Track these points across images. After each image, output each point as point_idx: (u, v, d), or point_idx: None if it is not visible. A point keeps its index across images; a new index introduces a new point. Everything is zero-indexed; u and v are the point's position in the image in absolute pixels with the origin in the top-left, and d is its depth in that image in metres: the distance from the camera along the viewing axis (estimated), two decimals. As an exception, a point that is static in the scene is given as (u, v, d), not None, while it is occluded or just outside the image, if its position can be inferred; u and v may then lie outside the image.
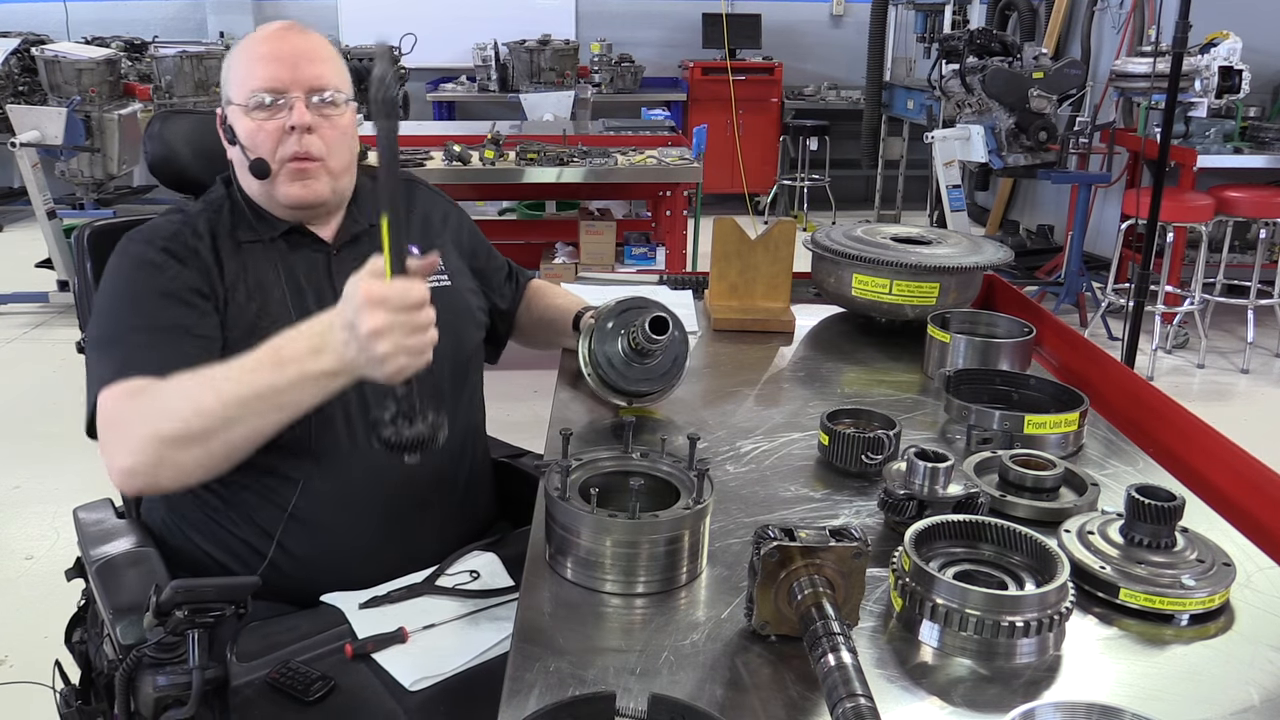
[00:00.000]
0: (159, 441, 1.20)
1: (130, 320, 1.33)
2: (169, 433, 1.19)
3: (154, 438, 1.20)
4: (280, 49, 1.40)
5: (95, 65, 5.04)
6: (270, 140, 1.39)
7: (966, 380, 1.52)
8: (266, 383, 1.16)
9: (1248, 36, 4.86)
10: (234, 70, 1.42)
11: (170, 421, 1.19)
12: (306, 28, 1.44)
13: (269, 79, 1.39)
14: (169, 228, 1.42)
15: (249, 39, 1.44)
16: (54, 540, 2.99)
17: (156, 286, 1.35)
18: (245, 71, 1.40)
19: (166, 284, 1.35)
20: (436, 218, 1.62)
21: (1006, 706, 0.83)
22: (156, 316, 1.33)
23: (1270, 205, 4.71)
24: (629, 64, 7.48)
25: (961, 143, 4.98)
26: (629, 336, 1.43)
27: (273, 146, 1.39)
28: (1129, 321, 3.83)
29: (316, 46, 1.43)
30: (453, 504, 1.51)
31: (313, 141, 1.40)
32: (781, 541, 0.94)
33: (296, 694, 1.19)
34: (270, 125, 1.39)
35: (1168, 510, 1.05)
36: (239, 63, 1.42)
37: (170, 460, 1.21)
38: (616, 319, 1.46)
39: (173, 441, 1.19)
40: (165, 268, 1.36)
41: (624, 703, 0.84)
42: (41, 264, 5.30)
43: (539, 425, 1.54)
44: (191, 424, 1.18)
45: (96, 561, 1.39)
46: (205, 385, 1.19)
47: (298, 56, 1.40)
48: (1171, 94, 3.62)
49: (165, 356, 1.27)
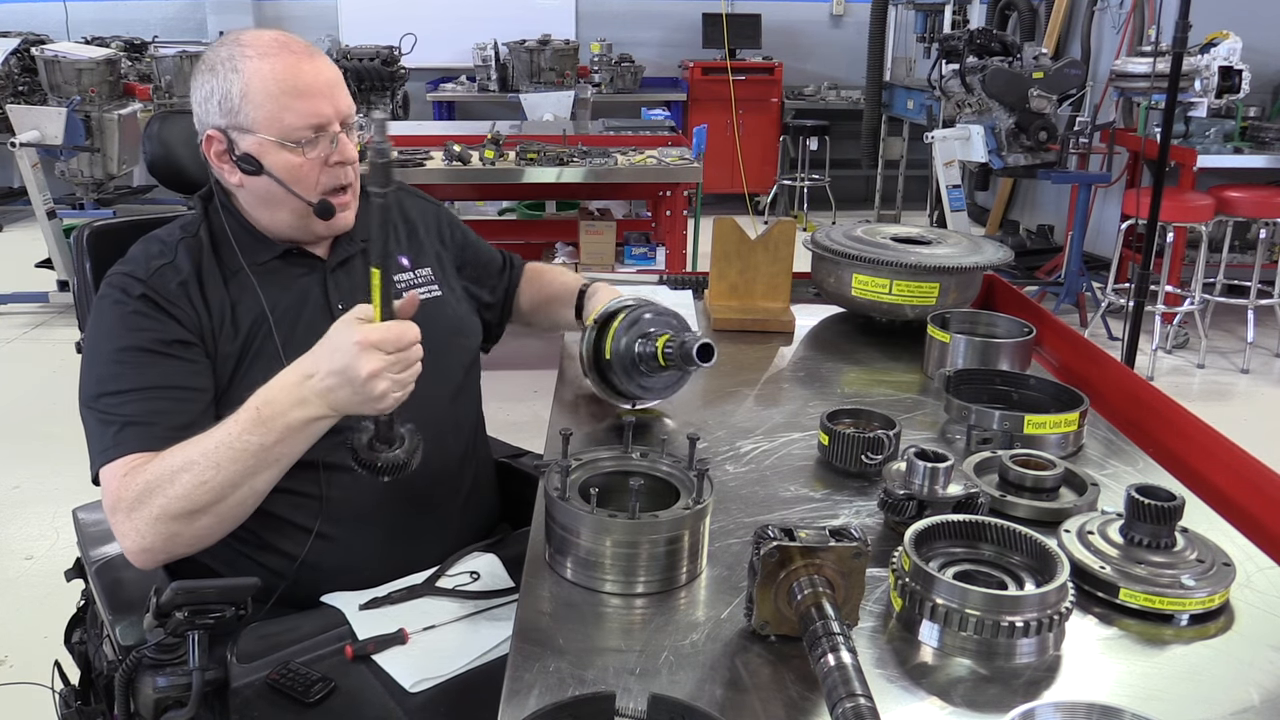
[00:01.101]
0: (168, 520, 1.21)
1: (119, 382, 1.30)
2: (176, 510, 1.21)
3: (162, 518, 1.21)
4: (315, 81, 1.35)
5: (95, 65, 5.04)
6: (314, 173, 1.36)
7: (966, 380, 1.52)
8: (257, 444, 1.19)
9: (1248, 36, 4.86)
10: (260, 101, 1.33)
11: (174, 500, 1.20)
12: (312, 47, 1.39)
13: (314, 114, 1.34)
14: (148, 266, 1.36)
15: (268, 67, 1.34)
16: (54, 540, 2.99)
17: (141, 342, 1.31)
18: (279, 105, 1.33)
19: (151, 340, 1.32)
20: (423, 225, 1.61)
21: (1006, 706, 0.83)
22: (145, 375, 1.30)
23: (1270, 205, 4.71)
24: (629, 64, 7.48)
25: (961, 143, 4.98)
26: (645, 346, 1.40)
27: (316, 180, 1.37)
28: (1129, 321, 3.83)
29: (336, 71, 1.40)
30: (456, 507, 1.51)
31: (352, 172, 1.40)
32: (781, 541, 0.94)
33: (297, 695, 1.19)
34: (314, 159, 1.36)
35: (1168, 510, 1.05)
36: (267, 95, 1.33)
37: (182, 534, 1.23)
38: (628, 325, 1.43)
39: (180, 517, 1.21)
40: (148, 320, 1.32)
41: (624, 703, 0.84)
42: (41, 264, 5.30)
43: (539, 425, 1.54)
44: (196, 498, 1.20)
45: (96, 562, 1.39)
46: (201, 457, 1.20)
47: (331, 86, 1.37)
48: (1171, 94, 3.61)
49: (158, 420, 1.27)
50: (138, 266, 1.37)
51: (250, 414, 1.20)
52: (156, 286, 1.34)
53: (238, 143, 1.36)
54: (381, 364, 1.12)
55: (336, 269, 1.46)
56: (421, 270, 1.54)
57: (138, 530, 1.22)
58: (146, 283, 1.34)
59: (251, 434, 1.19)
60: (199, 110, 1.39)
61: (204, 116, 1.38)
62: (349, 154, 1.39)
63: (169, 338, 1.33)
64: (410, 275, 1.52)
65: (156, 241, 1.42)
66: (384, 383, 1.13)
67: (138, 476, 1.22)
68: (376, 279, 1.12)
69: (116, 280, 1.37)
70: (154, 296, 1.33)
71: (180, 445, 1.23)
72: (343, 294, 1.44)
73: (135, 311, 1.33)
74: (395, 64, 6.89)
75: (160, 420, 1.27)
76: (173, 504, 1.20)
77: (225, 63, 1.35)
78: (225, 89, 1.35)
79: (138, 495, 1.21)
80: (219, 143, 1.37)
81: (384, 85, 6.89)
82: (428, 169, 4.21)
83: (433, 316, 1.49)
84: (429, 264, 1.56)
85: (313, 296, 1.43)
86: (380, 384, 1.13)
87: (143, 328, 1.32)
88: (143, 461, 1.24)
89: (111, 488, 1.24)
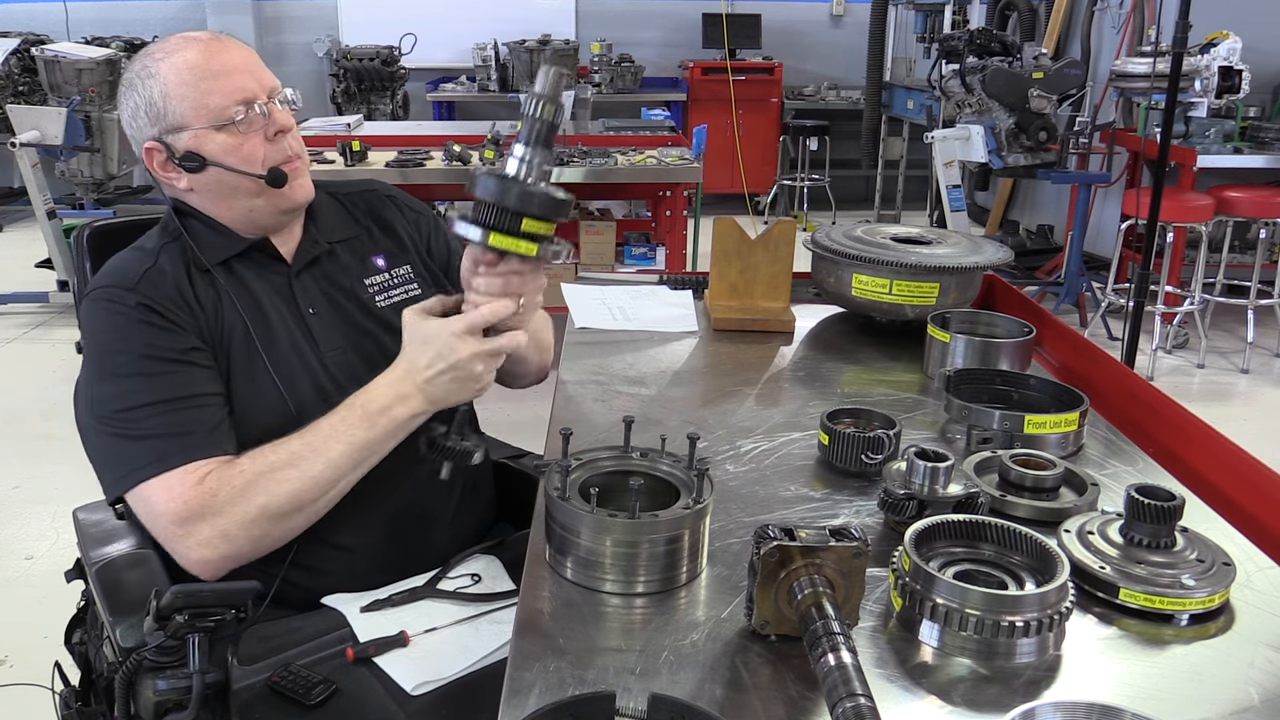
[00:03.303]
0: (266, 519, 1.23)
1: (137, 397, 1.26)
2: (278, 508, 1.23)
3: (259, 518, 1.22)
4: (230, 59, 1.35)
5: (95, 65, 5.04)
6: (259, 150, 1.35)
7: (966, 380, 1.52)
8: (363, 438, 1.25)
9: (1248, 36, 4.86)
10: (181, 93, 1.32)
11: (277, 498, 1.22)
12: (221, 34, 1.39)
13: (237, 90, 1.33)
14: (134, 274, 1.33)
15: (179, 60, 1.33)
16: (54, 540, 2.99)
17: (155, 353, 1.29)
18: (200, 90, 1.32)
19: (164, 349, 1.29)
20: (408, 229, 1.58)
21: (1006, 706, 0.83)
22: (164, 387, 1.27)
23: (1270, 205, 4.71)
24: (629, 64, 7.48)
25: (961, 143, 4.98)
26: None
27: (262, 156, 1.36)
28: (1129, 321, 3.83)
29: (250, 51, 1.39)
30: (452, 508, 1.51)
31: (294, 141, 1.39)
32: (781, 541, 0.94)
33: (298, 697, 1.19)
34: (253, 136, 1.35)
35: (1168, 510, 1.05)
36: (185, 85, 1.32)
37: (271, 534, 1.25)
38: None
39: (281, 516, 1.23)
40: (153, 330, 1.30)
41: (624, 703, 0.84)
42: (41, 264, 5.30)
43: (539, 425, 1.54)
44: (302, 493, 1.23)
45: (96, 563, 1.39)
46: (309, 452, 1.24)
47: (248, 63, 1.37)
48: (1171, 94, 3.62)
49: (194, 428, 1.26)
50: (123, 276, 1.34)
51: (355, 411, 1.26)
52: (150, 293, 1.32)
53: (174, 145, 1.34)
54: (477, 347, 1.21)
55: (302, 272, 1.45)
56: (399, 270, 1.53)
57: (223, 534, 1.22)
58: (138, 290, 1.32)
59: (357, 429, 1.25)
60: (131, 130, 1.38)
61: (137, 134, 1.37)
62: (285, 122, 1.37)
63: (182, 345, 1.31)
64: (385, 276, 1.51)
65: (134, 251, 1.40)
66: (481, 365, 1.23)
67: (226, 479, 1.22)
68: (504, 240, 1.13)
69: (105, 293, 1.33)
70: (151, 304, 1.31)
71: (274, 445, 1.25)
72: (310, 298, 1.43)
73: (141, 321, 1.30)
74: (395, 64, 6.91)
75: (197, 428, 1.27)
76: (275, 501, 1.22)
77: (140, 74, 1.35)
78: (148, 97, 1.34)
79: (229, 497, 1.22)
80: (159, 153, 1.35)
81: (384, 85, 6.90)
82: (428, 169, 4.22)
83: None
84: (409, 263, 1.55)
85: (281, 300, 1.42)
86: (479, 366, 1.23)
87: (150, 338, 1.30)
88: (212, 467, 1.24)
89: (178, 497, 1.22)
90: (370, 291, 1.47)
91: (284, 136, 1.37)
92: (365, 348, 1.43)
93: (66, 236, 4.91)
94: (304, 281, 1.44)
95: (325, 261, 1.47)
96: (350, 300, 1.46)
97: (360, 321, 1.45)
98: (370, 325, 1.45)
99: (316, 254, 1.47)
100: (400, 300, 1.47)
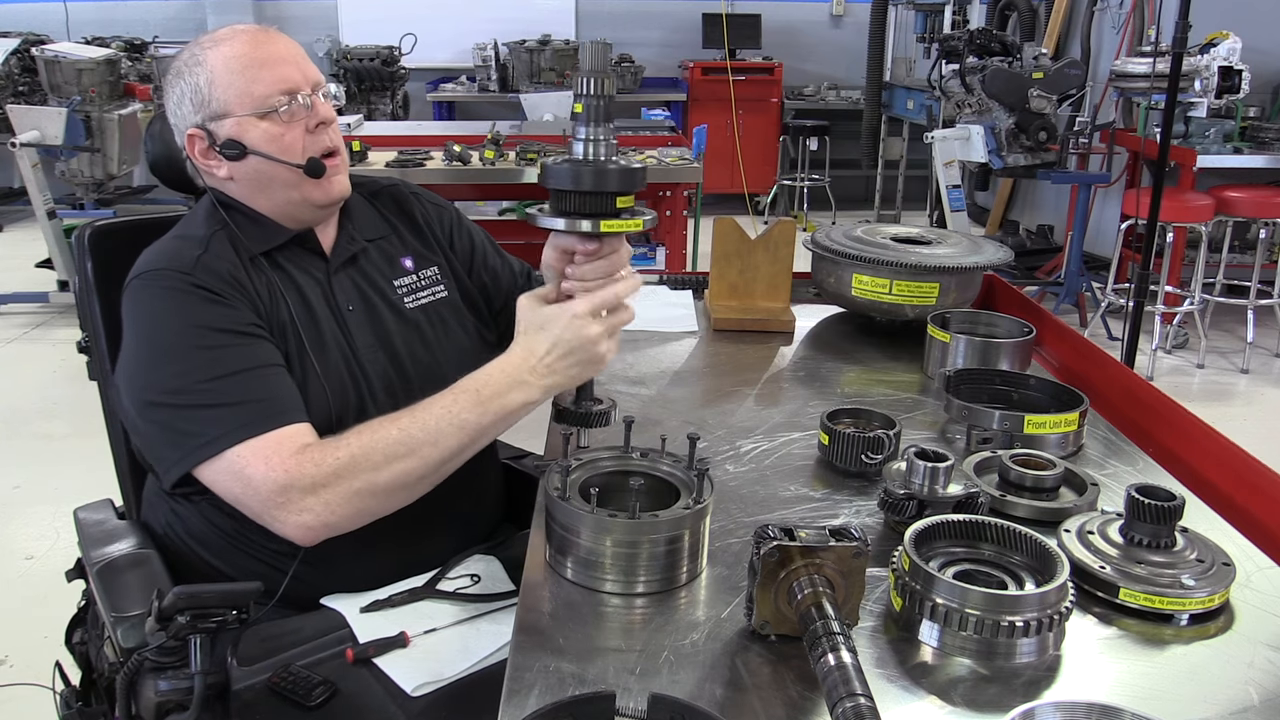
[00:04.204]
0: (370, 495, 1.21)
1: (214, 368, 1.25)
2: (384, 485, 1.21)
3: (362, 492, 1.20)
4: (277, 51, 1.37)
5: (95, 65, 5.04)
6: (299, 141, 1.36)
7: (966, 380, 1.52)
8: (474, 423, 1.23)
9: (1248, 36, 4.86)
10: (227, 81, 1.34)
11: (385, 475, 1.20)
12: (270, 28, 1.41)
13: (282, 80, 1.35)
14: (185, 259, 1.32)
15: (228, 49, 1.35)
16: (54, 540, 2.99)
17: (223, 325, 1.28)
18: (246, 79, 1.34)
19: (231, 322, 1.28)
20: (432, 227, 1.59)
21: (1006, 706, 0.83)
22: (241, 357, 1.26)
23: (1270, 205, 4.71)
24: (629, 64, 7.49)
25: (961, 143, 4.98)
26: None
27: (302, 147, 1.36)
28: (1129, 321, 3.83)
29: (296, 45, 1.41)
30: (462, 508, 1.50)
31: (335, 134, 1.40)
32: (781, 541, 0.94)
33: (298, 699, 1.19)
34: (295, 126, 1.36)
35: (1168, 510, 1.05)
36: (232, 74, 1.34)
37: (373, 510, 1.24)
38: None
39: (386, 493, 1.22)
40: (215, 306, 1.29)
41: (624, 703, 0.84)
42: (41, 264, 5.30)
43: (539, 425, 1.54)
44: (410, 473, 1.22)
45: (97, 563, 1.39)
46: (421, 433, 1.21)
47: (295, 56, 1.39)
48: (1171, 94, 3.62)
49: (282, 393, 1.26)
50: (178, 260, 1.32)
51: (470, 395, 1.23)
52: (204, 278, 1.31)
53: (217, 132, 1.35)
54: (600, 326, 1.23)
55: (339, 270, 1.46)
56: (426, 271, 1.53)
57: (327, 505, 1.19)
58: (194, 274, 1.30)
59: (469, 412, 1.22)
60: (175, 118, 1.39)
61: (180, 121, 1.38)
62: (326, 114, 1.38)
63: (247, 320, 1.30)
64: (413, 278, 1.51)
65: (177, 239, 1.39)
66: (604, 343, 1.24)
67: (329, 450, 1.20)
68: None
69: (158, 276, 1.31)
70: (208, 286, 1.30)
71: (380, 421, 1.23)
72: (348, 295, 1.44)
73: (203, 299, 1.28)
74: (395, 64, 6.90)
75: (281, 394, 1.25)
76: (381, 478, 1.20)
77: (188, 62, 1.37)
78: (194, 84, 1.35)
79: (336, 470, 1.19)
80: (200, 140, 1.37)
81: (384, 85, 6.90)
82: (428, 169, 4.21)
83: (439, 317, 1.49)
84: (436, 264, 1.55)
85: (323, 295, 1.42)
86: (604, 344, 1.23)
87: (216, 311, 1.28)
88: (307, 437, 1.23)
89: (279, 465, 1.19)
90: (400, 293, 1.48)
91: (325, 129, 1.38)
92: (394, 348, 1.43)
93: (67, 236, 4.91)
94: (341, 279, 1.45)
95: (361, 259, 1.47)
96: (382, 300, 1.46)
97: (390, 322, 1.45)
98: (399, 326, 1.45)
99: (354, 251, 1.47)
100: (427, 302, 1.49)
